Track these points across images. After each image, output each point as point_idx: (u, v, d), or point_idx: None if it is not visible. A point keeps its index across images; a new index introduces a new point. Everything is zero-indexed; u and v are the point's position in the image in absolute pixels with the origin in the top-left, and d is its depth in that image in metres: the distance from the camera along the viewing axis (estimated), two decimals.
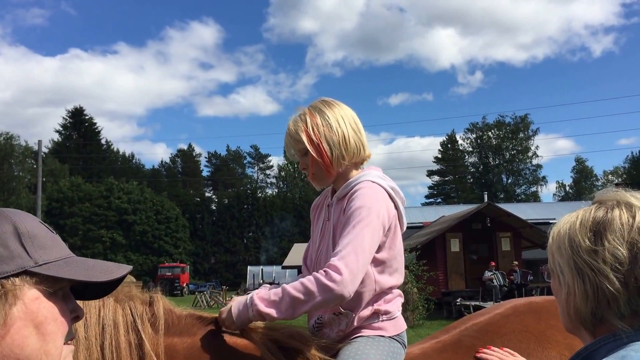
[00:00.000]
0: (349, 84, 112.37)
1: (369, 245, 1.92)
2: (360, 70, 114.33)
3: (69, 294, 1.01)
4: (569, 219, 1.27)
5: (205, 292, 34.35)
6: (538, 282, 22.24)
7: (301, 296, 1.84)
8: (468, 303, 20.14)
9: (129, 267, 1.06)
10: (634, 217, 1.16)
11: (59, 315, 0.96)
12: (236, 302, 1.92)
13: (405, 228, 2.17)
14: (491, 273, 21.69)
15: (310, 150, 2.07)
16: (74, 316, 1.02)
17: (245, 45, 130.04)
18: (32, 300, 0.92)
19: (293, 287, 1.86)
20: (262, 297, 1.88)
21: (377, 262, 2.03)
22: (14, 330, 0.90)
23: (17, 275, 0.91)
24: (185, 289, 48.48)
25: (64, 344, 0.98)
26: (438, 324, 16.82)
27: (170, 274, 50.84)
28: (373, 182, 2.06)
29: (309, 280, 1.86)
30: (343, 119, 2.11)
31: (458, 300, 21.00)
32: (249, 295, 1.91)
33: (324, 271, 1.86)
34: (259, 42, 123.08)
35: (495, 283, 21.42)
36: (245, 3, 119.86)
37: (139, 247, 61.52)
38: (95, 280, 0.99)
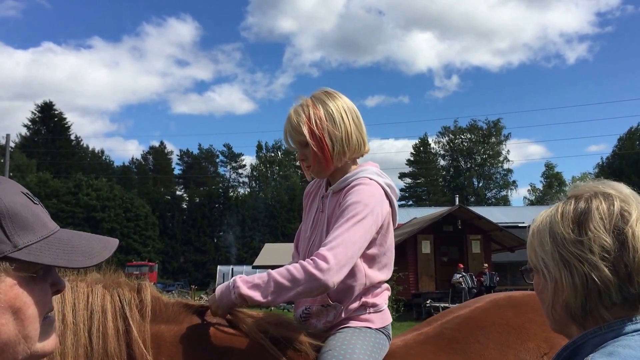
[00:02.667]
0: (326, 85, 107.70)
1: (359, 240, 1.93)
2: (337, 71, 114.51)
3: (51, 267, 0.97)
4: (546, 214, 1.27)
5: (173, 292, 34.02)
6: (506, 285, 22.63)
7: (286, 282, 1.84)
8: (438, 305, 20.36)
9: (115, 245, 1.02)
10: (613, 205, 1.18)
11: (39, 297, 0.93)
12: (220, 286, 1.92)
13: (397, 224, 2.19)
14: (460, 275, 21.98)
15: (311, 143, 2.05)
16: (54, 290, 0.99)
17: (222, 43, 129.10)
18: (10, 287, 0.89)
19: (279, 273, 1.86)
20: (245, 280, 1.88)
21: (367, 257, 2.06)
22: None
23: None
24: None
25: (44, 318, 0.95)
26: (407, 325, 16.95)
27: (138, 272, 49.93)
28: (371, 179, 2.07)
29: (295, 268, 1.87)
30: (346, 112, 2.10)
31: (428, 301, 21.21)
32: (232, 278, 1.90)
33: (311, 259, 1.87)
34: (236, 41, 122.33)
35: (464, 285, 21.71)
36: (224, 1, 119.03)
37: None
38: (76, 267, 0.96)
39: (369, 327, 2.07)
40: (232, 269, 46.39)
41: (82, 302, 1.68)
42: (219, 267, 50.45)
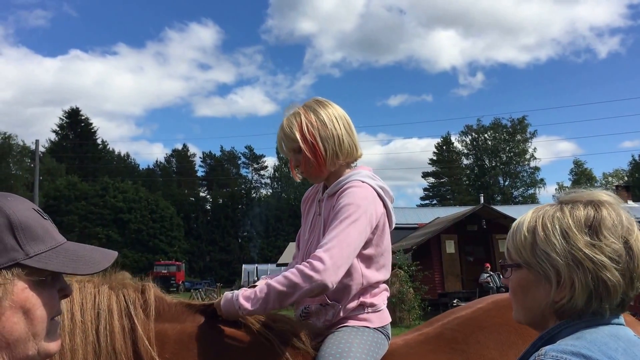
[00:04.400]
0: (348, 85, 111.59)
1: (354, 241, 1.98)
2: (359, 71, 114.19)
3: (58, 274, 1.09)
4: (543, 214, 1.32)
5: (200, 290, 34.48)
6: None
7: (286, 289, 1.91)
8: (465, 304, 20.13)
9: (114, 256, 1.16)
10: (620, 216, 1.26)
11: (47, 300, 1.05)
12: (225, 301, 1.98)
13: (394, 226, 2.24)
14: (487, 275, 21.76)
15: (303, 148, 2.13)
16: (62, 295, 1.11)
17: (244, 46, 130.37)
18: (21, 290, 1.01)
19: (277, 282, 1.93)
20: (248, 297, 1.95)
21: (364, 258, 2.11)
22: (4, 318, 0.99)
23: (8, 267, 1.00)
24: (181, 287, 48.58)
25: (51, 319, 1.07)
26: None
27: (166, 271, 50.97)
28: (362, 181, 2.13)
29: (292, 273, 1.93)
30: (337, 119, 2.17)
31: (455, 301, 21.04)
32: (235, 296, 1.96)
33: (308, 262, 1.94)
34: (257, 43, 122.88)
35: (492, 285, 21.50)
36: (244, 4, 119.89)
37: (135, 244, 61.51)
38: (81, 273, 1.09)
39: (367, 327, 2.12)
40: (257, 267, 46.79)
41: (89, 302, 1.78)
42: (244, 265, 50.95)
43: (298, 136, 2.12)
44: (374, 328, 2.13)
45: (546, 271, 1.26)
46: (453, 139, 77.93)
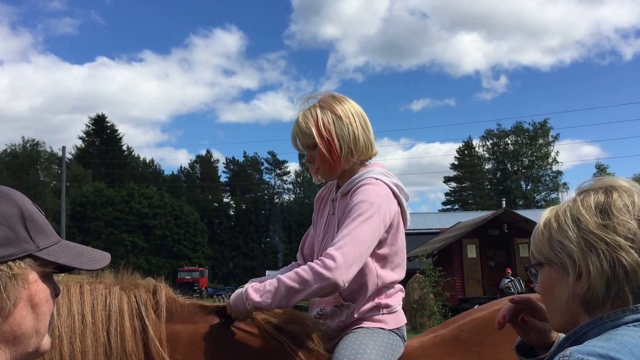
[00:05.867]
0: (371, 90, 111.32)
1: (367, 238, 1.94)
2: (382, 76, 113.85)
3: (50, 274, 1.08)
4: (557, 209, 1.30)
5: (223, 296, 34.65)
6: None
7: (296, 285, 1.87)
8: (481, 306, 19.90)
9: (109, 257, 1.15)
10: (632, 197, 1.21)
11: (49, 297, 1.04)
12: (234, 295, 1.97)
13: (408, 224, 2.20)
14: (509, 280, 21.47)
15: (319, 144, 2.09)
16: (54, 294, 1.10)
17: (267, 52, 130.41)
18: (31, 282, 0.99)
19: (288, 277, 1.90)
20: (257, 289, 1.92)
21: (378, 257, 2.08)
22: (17, 310, 0.97)
23: (22, 258, 0.98)
24: (204, 293, 48.86)
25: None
26: None
27: (189, 277, 51.30)
28: (377, 178, 2.09)
29: (303, 270, 1.90)
30: (353, 116, 2.13)
31: (475, 306, 20.75)
32: (244, 288, 1.95)
33: (319, 259, 1.91)
34: (281, 49, 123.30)
35: (513, 290, 21.19)
36: (268, 10, 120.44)
37: (159, 250, 62.14)
38: (86, 268, 1.08)
39: (382, 328, 2.08)
40: None
41: (100, 303, 1.78)
42: (267, 271, 51.04)
43: (314, 132, 2.09)
44: (389, 330, 2.10)
45: (563, 262, 1.23)
46: (475, 143, 77.26)
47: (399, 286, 2.21)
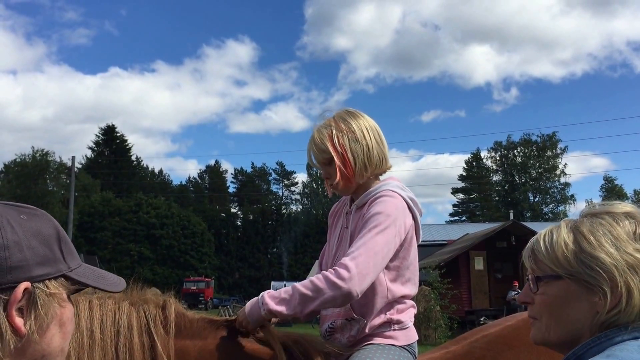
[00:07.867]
0: (381, 101, 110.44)
1: (381, 250, 1.95)
2: (392, 87, 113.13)
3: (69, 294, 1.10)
4: (573, 224, 1.30)
5: (228, 307, 34.53)
6: None
7: (310, 293, 1.89)
8: (493, 322, 19.77)
9: (124, 283, 1.18)
10: None
11: (73, 316, 1.06)
12: (249, 302, 1.99)
13: (420, 239, 2.20)
14: (515, 293, 21.31)
15: (335, 159, 2.11)
16: None
17: (279, 63, 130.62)
18: (64, 301, 1.02)
19: (302, 285, 1.93)
20: (273, 296, 1.95)
21: (389, 270, 2.07)
22: (49, 329, 0.99)
23: (56, 278, 1.00)
24: (209, 303, 48.77)
25: None
26: None
27: (195, 288, 51.24)
28: (393, 191, 2.10)
29: (317, 278, 1.92)
30: (368, 130, 2.15)
31: (482, 319, 20.65)
32: (261, 295, 1.98)
33: (333, 269, 1.92)
34: (292, 60, 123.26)
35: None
36: (280, 21, 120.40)
37: (166, 260, 62.16)
38: (110, 290, 1.10)
39: (393, 345, 2.07)
40: (285, 284, 46.61)
41: (109, 319, 1.77)
42: (272, 282, 50.86)
43: (330, 147, 2.11)
44: (400, 346, 2.09)
45: (597, 279, 1.21)
46: (482, 155, 77.11)
47: (411, 302, 2.20)
